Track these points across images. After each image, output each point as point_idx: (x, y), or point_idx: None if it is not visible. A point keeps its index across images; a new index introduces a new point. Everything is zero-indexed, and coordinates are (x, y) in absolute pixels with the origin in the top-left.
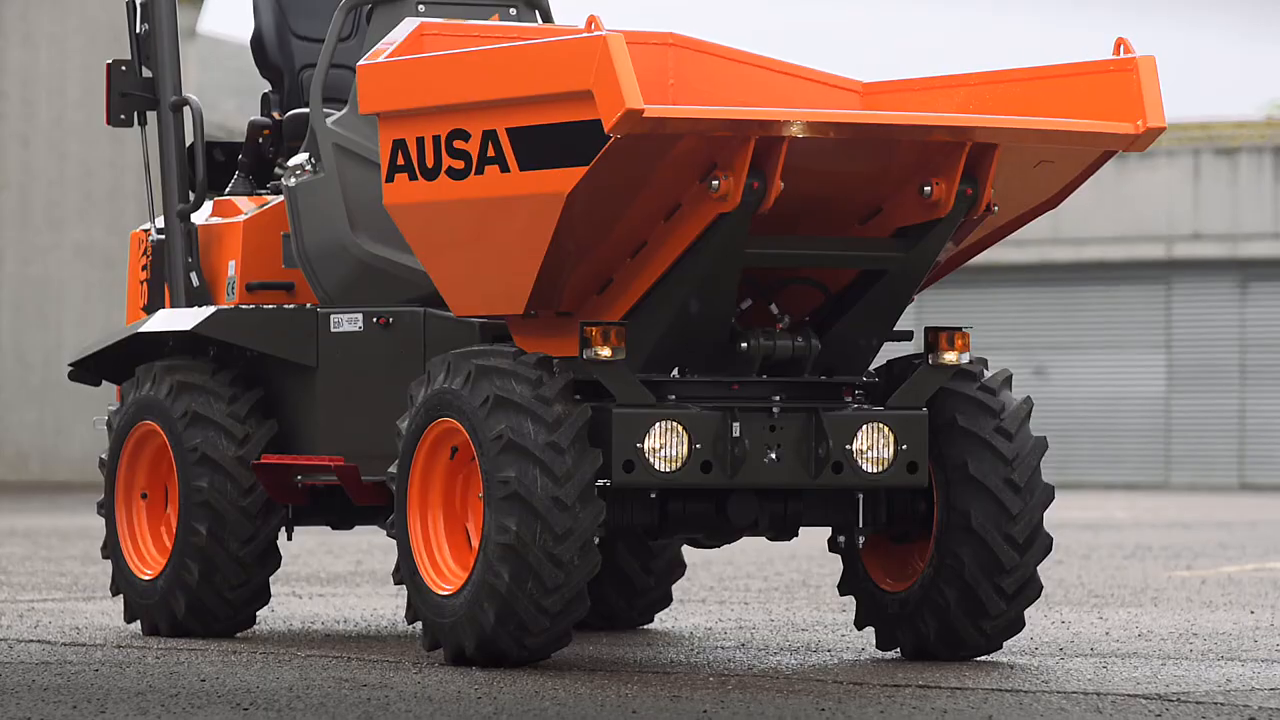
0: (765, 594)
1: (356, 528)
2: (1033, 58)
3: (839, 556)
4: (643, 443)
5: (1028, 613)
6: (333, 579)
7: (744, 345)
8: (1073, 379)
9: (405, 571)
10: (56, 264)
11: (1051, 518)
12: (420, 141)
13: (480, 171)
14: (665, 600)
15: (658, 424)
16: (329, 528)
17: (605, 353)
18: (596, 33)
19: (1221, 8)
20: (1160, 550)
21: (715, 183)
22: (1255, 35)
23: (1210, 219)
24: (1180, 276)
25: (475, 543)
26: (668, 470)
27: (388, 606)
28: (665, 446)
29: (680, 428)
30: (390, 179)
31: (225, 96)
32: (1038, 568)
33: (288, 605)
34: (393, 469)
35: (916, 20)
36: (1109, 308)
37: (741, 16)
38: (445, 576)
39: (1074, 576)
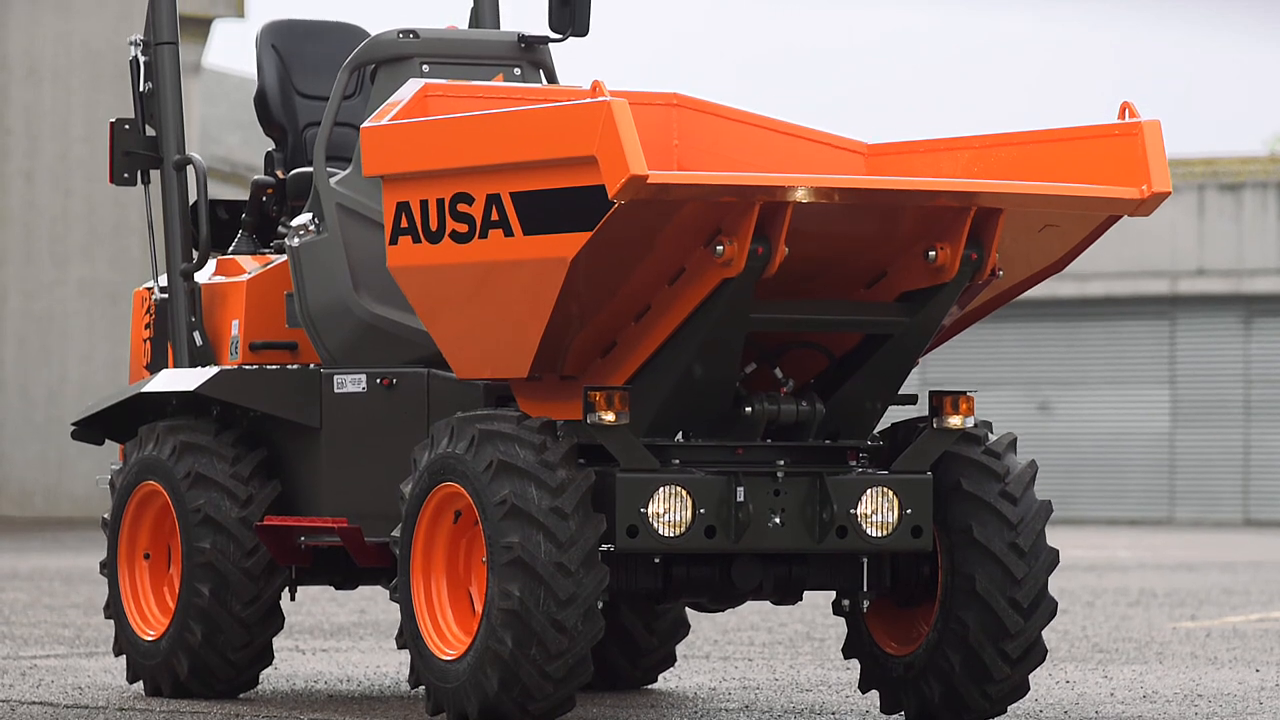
0: (769, 648)
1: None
2: (1034, 83)
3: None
4: (646, 508)
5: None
6: (336, 631)
7: (748, 409)
8: (1077, 414)
9: (408, 636)
10: (60, 299)
11: None
12: (424, 204)
13: (484, 235)
14: (669, 660)
15: (661, 489)
16: (332, 588)
17: (609, 417)
18: (601, 98)
19: (1226, 41)
20: (1164, 597)
21: (720, 248)
22: (1258, 71)
23: (1214, 254)
24: (1185, 312)
25: (478, 608)
26: (671, 535)
27: (391, 664)
28: (669, 511)
29: (684, 492)
30: (394, 241)
31: (229, 131)
32: (1042, 631)
33: (291, 662)
34: (396, 532)
35: (916, 36)
36: (1113, 343)
37: (739, 45)
38: (448, 641)
39: (1078, 628)
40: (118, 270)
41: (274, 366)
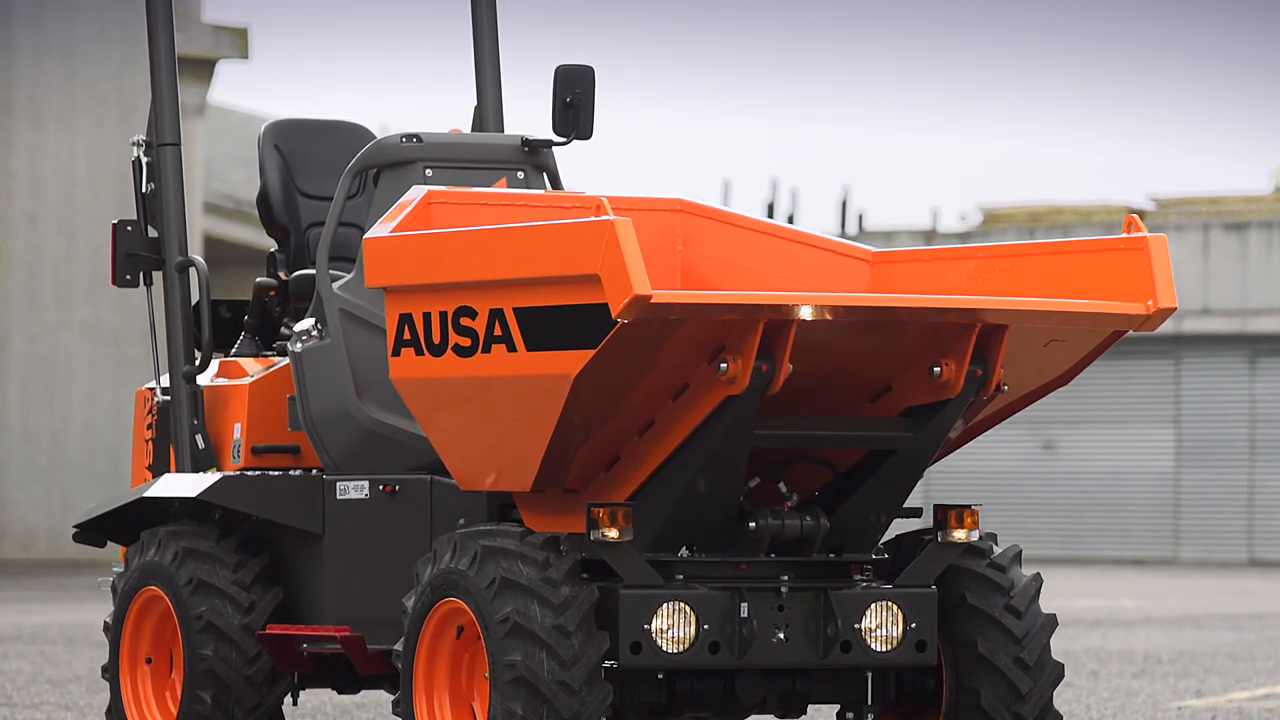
0: None
1: None
2: (1034, 125)
3: None
4: (650, 624)
5: None
6: (340, 714)
7: (752, 524)
8: (1081, 453)
9: None
10: (65, 342)
11: (1059, 605)
12: (427, 317)
13: (487, 350)
14: None
15: (665, 605)
16: (334, 692)
17: (613, 534)
18: (604, 217)
19: (1229, 76)
20: (1169, 664)
21: (723, 365)
22: (1262, 104)
23: (1219, 294)
24: (1189, 351)
25: None
26: (675, 651)
27: None
28: (673, 627)
29: (688, 608)
30: (396, 353)
31: (233, 167)
32: None
33: None
34: (398, 646)
35: (915, 65)
36: (1118, 382)
37: (741, 123)
38: None
39: (1082, 706)
40: (121, 313)
41: (276, 472)
